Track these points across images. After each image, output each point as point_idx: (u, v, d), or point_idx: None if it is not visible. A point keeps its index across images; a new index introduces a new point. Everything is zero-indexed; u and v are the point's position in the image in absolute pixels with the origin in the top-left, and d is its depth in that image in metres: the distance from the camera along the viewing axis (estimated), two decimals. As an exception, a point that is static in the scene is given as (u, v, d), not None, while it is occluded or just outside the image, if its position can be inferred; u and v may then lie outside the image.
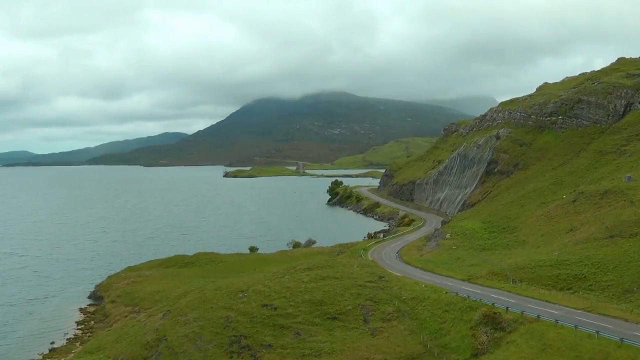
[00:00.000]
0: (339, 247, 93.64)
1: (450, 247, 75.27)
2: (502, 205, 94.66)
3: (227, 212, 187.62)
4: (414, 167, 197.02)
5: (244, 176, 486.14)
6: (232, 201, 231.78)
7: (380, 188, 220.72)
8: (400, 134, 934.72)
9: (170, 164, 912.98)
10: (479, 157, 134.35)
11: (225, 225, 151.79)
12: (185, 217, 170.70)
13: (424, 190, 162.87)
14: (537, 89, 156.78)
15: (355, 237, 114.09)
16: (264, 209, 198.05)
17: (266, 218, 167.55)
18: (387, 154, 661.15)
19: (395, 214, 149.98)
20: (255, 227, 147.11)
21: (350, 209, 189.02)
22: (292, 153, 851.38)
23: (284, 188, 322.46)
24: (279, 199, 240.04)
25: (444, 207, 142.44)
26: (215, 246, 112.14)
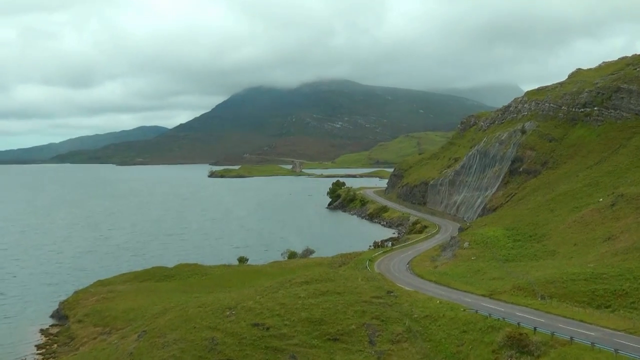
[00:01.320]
0: (341, 257, 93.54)
1: (468, 257, 75.12)
2: (528, 210, 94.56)
3: (212, 217, 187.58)
4: (427, 166, 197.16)
5: (232, 176, 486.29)
6: (219, 205, 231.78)
7: (388, 190, 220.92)
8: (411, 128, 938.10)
9: (148, 162, 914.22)
10: (501, 154, 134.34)
11: (210, 232, 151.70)
12: (164, 224, 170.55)
13: (439, 193, 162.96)
14: (569, 76, 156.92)
15: (359, 246, 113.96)
16: (255, 213, 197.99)
17: (257, 224, 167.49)
18: (396, 151, 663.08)
19: (405, 220, 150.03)
20: (245, 234, 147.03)
21: (354, 213, 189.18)
22: (287, 150, 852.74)
23: (278, 190, 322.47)
24: (273, 203, 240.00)
25: (461, 212, 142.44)
26: (199, 257, 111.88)
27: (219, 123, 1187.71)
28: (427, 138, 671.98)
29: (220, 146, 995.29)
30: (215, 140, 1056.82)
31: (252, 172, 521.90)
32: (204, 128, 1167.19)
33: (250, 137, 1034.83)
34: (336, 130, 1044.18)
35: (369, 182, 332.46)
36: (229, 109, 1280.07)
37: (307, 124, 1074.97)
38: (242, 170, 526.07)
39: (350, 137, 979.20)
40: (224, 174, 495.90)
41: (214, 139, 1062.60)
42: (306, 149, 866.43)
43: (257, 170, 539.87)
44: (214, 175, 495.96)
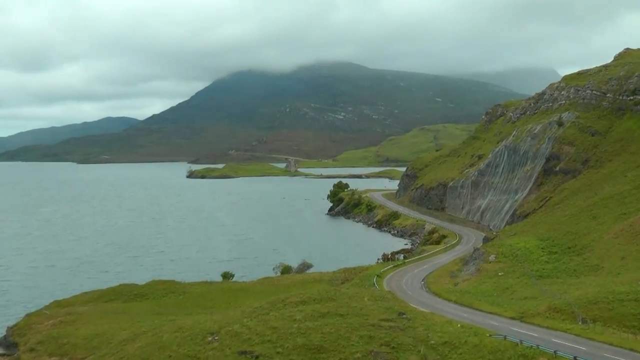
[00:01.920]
0: (344, 272, 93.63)
1: (495, 273, 75.14)
2: (566, 217, 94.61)
3: (192, 226, 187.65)
4: (446, 165, 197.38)
5: (215, 177, 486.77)
6: (200, 211, 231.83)
7: (399, 193, 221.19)
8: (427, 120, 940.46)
9: (115, 160, 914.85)
10: (534, 150, 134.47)
11: (189, 244, 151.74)
12: (135, 233, 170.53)
13: (459, 196, 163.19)
14: (615, 58, 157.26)
15: (365, 259, 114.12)
16: (243, 221, 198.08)
17: (245, 234, 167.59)
18: (409, 146, 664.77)
19: (419, 228, 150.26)
20: (230, 246, 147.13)
21: (359, 220, 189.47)
22: (280, 146, 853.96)
23: (269, 193, 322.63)
24: (263, 208, 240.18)
25: (486, 219, 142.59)
26: (175, 272, 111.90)
27: (200, 114, 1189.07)
28: (446, 131, 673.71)
29: (201, 141, 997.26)
30: (195, 134, 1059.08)
31: (239, 171, 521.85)
32: (181, 119, 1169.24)
33: (237, 131, 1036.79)
34: (338, 123, 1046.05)
35: (376, 183, 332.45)
36: (211, 97, 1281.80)
37: (303, 115, 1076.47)
38: (226, 170, 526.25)
39: (354, 131, 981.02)
40: (205, 174, 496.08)
41: (193, 133, 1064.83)
42: (303, 145, 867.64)
43: (245, 169, 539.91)
44: (194, 176, 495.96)
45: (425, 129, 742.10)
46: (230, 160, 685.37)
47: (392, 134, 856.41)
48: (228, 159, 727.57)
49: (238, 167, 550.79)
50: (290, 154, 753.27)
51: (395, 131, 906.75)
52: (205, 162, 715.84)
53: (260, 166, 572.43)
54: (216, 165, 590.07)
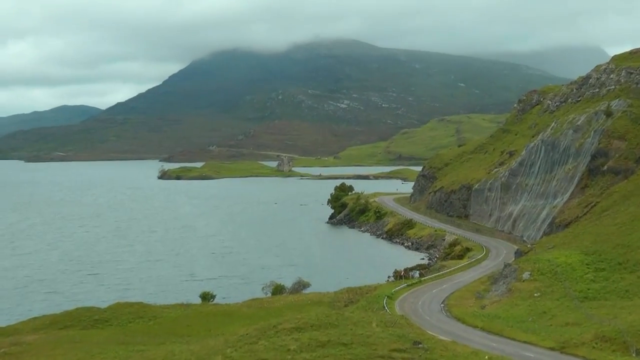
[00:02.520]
0: (348, 293, 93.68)
1: (530, 293, 75.10)
2: (616, 226, 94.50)
3: (165, 237, 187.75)
4: (470, 164, 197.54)
5: (192, 177, 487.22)
6: (174, 220, 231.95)
7: (414, 197, 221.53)
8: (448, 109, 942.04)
9: (72, 157, 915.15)
10: (577, 146, 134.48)
11: (162, 258, 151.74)
12: (96, 246, 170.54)
13: (487, 201, 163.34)
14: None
15: (373, 276, 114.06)
16: (226, 231, 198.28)
17: (229, 246, 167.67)
18: (426, 141, 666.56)
19: (438, 240, 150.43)
20: (211, 261, 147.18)
21: (366, 230, 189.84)
22: (270, 140, 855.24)
23: (258, 197, 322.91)
24: (251, 216, 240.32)
25: (519, 229, 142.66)
26: (145, 293, 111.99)
27: (174, 102, 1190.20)
28: (471, 123, 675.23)
29: (176, 135, 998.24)
30: (169, 126, 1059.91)
31: (222, 171, 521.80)
32: (152, 109, 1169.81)
33: (219, 122, 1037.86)
34: (340, 113, 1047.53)
35: (387, 185, 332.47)
36: (188, 81, 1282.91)
37: (299, 104, 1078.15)
38: (206, 169, 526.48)
39: (360, 122, 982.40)
40: (181, 175, 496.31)
41: (166, 125, 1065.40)
42: (298, 139, 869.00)
43: (229, 168, 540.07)
44: (167, 177, 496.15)
45: (445, 120, 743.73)
46: (210, 158, 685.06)
47: (405, 126, 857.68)
48: (208, 156, 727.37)
49: (220, 166, 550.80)
50: (282, 151, 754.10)
51: (410, 123, 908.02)
52: (181, 160, 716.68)
53: (246, 165, 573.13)
54: (194, 164, 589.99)
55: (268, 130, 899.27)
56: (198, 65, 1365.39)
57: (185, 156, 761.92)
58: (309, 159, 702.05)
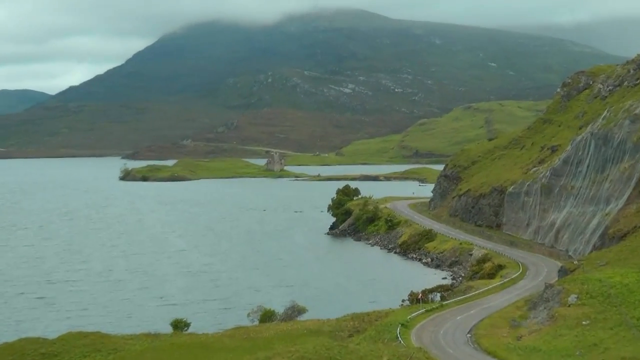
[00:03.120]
0: (353, 320, 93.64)
1: (577, 321, 74.95)
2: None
3: (129, 252, 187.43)
4: (503, 161, 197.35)
5: (162, 178, 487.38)
6: (140, 231, 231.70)
7: (434, 202, 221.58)
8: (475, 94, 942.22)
9: (13, 154, 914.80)
10: (634, 140, 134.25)
11: (124, 278, 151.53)
12: (43, 264, 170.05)
13: (523, 208, 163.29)
14: None
15: (384, 300, 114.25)
16: (204, 244, 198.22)
17: (208, 263, 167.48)
18: (449, 134, 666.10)
19: (464, 255, 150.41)
20: (186, 281, 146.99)
21: (375, 243, 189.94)
22: (258, 133, 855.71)
23: (243, 202, 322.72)
24: (234, 225, 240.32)
25: (563, 241, 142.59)
26: (104, 321, 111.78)
27: (140, 86, 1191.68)
28: (503, 112, 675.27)
29: (142, 126, 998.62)
30: (133, 115, 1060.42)
31: (198, 171, 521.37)
32: (113, 94, 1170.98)
33: (195, 111, 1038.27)
34: (344, 99, 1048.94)
35: (401, 188, 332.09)
36: (157, 61, 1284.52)
37: (293, 88, 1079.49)
38: (179, 169, 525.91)
39: (368, 111, 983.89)
40: (148, 175, 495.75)
41: (130, 114, 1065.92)
42: (292, 132, 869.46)
43: (207, 168, 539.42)
44: (131, 177, 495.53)
45: (472, 108, 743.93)
46: (184, 155, 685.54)
47: (423, 115, 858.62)
48: (182, 152, 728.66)
49: (196, 165, 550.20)
50: (273, 146, 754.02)
51: (429, 111, 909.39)
52: (148, 157, 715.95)
53: (229, 163, 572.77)
54: (164, 162, 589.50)
55: (255, 121, 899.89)
56: (169, 41, 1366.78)
57: (154, 152, 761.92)
58: (305, 156, 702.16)
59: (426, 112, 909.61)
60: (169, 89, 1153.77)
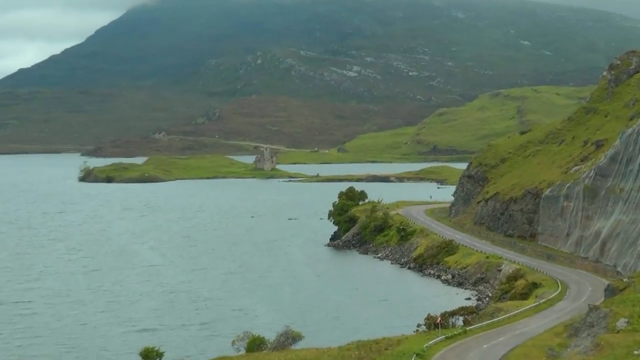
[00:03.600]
0: (359, 349, 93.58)
1: (628, 350, 74.93)
2: None
3: (90, 267, 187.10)
4: (538, 159, 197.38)
5: (130, 179, 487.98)
6: (105, 241, 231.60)
7: (456, 208, 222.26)
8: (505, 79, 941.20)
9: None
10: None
11: (85, 298, 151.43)
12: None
13: (562, 214, 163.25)
14: None
15: (396, 325, 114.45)
16: (181, 259, 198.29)
17: (186, 281, 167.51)
18: (473, 126, 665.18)
19: (492, 270, 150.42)
20: (159, 302, 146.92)
21: (385, 256, 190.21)
22: (245, 125, 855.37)
23: (226, 208, 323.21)
24: (217, 236, 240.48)
25: (610, 254, 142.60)
26: (60, 350, 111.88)
27: (104, 69, 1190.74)
28: (539, 99, 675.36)
29: (106, 117, 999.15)
30: (96, 104, 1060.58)
31: (174, 170, 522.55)
32: (71, 79, 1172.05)
33: (170, 99, 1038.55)
34: (348, 84, 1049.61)
35: (416, 191, 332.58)
36: (124, 38, 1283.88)
37: (286, 71, 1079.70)
38: (151, 168, 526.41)
39: (376, 98, 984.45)
40: (113, 176, 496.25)
41: (92, 102, 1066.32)
42: (285, 123, 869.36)
43: (184, 166, 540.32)
44: (93, 178, 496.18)
45: (502, 95, 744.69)
46: (157, 151, 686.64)
47: (443, 104, 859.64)
48: (154, 148, 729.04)
49: (171, 163, 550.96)
50: (263, 140, 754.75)
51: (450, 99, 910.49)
52: (114, 153, 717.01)
53: (210, 161, 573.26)
54: (132, 160, 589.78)
55: (241, 111, 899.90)
56: (138, 15, 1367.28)
57: (120, 148, 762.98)
58: (302, 153, 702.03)
59: (446, 99, 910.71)
60: (138, 72, 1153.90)
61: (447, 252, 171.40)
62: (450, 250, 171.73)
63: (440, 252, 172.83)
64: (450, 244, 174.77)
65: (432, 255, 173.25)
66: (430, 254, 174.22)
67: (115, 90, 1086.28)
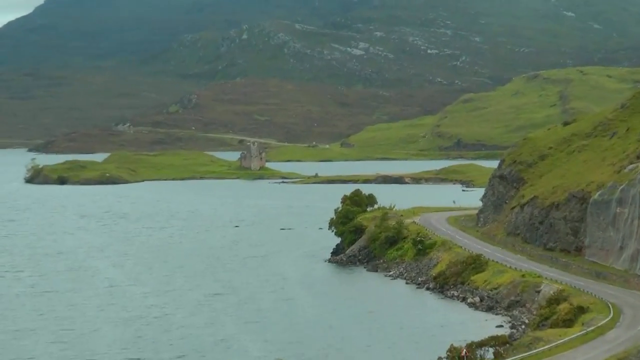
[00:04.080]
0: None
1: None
2: None
3: (38, 288, 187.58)
4: (585, 156, 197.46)
5: (88, 180, 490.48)
6: (57, 256, 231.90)
7: (485, 215, 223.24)
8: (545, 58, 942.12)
9: None
10: None
11: (33, 327, 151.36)
12: None
13: (615, 223, 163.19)
14: None
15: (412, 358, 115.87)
16: (150, 278, 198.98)
17: (156, 305, 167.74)
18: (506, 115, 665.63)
19: (529, 291, 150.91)
20: (123, 331, 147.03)
21: (399, 274, 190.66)
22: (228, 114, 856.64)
23: (206, 215, 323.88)
24: (194, 250, 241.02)
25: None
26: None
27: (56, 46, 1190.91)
28: (586, 83, 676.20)
29: (59, 104, 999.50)
30: (45, 89, 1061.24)
31: (141, 169, 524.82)
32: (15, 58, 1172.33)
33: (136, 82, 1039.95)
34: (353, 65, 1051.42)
35: (436, 194, 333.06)
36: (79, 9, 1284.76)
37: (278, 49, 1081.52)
38: (113, 166, 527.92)
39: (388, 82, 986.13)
40: (67, 176, 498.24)
41: (40, 87, 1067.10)
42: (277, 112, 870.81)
43: (153, 164, 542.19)
44: (43, 179, 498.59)
45: (541, 77, 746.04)
46: (120, 146, 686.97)
47: (469, 88, 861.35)
48: (116, 142, 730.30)
49: (138, 161, 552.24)
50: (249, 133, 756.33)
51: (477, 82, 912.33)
52: (68, 149, 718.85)
53: (185, 158, 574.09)
54: (91, 157, 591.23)
55: (223, 96, 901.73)
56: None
57: (76, 142, 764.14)
58: (297, 148, 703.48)
59: (473, 83, 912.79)
60: (97, 50, 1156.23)
61: (475, 269, 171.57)
62: (478, 267, 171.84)
63: (466, 269, 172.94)
64: (478, 259, 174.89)
65: (455, 273, 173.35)
66: (453, 272, 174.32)
67: (69, 72, 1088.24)
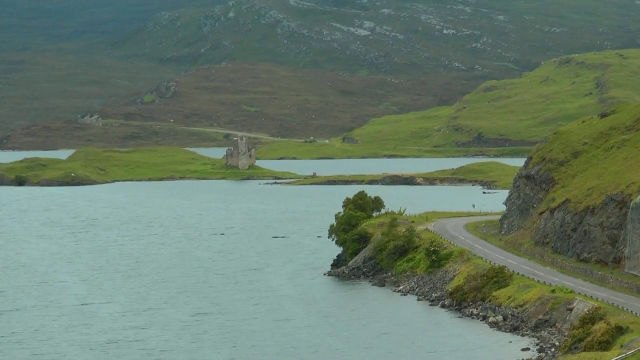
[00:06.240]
0: None
1: None
2: None
3: None
4: (625, 153, 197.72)
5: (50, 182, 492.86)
6: (15, 270, 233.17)
7: (509, 221, 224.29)
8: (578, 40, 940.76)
9: None
10: None
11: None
12: None
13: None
14: None
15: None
16: (125, 295, 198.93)
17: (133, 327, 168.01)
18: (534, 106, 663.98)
19: (560, 309, 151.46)
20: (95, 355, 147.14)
21: (410, 289, 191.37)
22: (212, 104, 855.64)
23: (188, 222, 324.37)
24: (174, 262, 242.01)
25: None
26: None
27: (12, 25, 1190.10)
28: (627, 69, 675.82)
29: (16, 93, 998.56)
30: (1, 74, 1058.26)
31: (111, 168, 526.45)
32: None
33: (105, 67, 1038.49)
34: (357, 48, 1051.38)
35: (453, 197, 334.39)
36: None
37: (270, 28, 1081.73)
38: (79, 165, 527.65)
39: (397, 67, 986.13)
40: (26, 176, 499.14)
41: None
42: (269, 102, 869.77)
43: (126, 162, 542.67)
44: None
45: (573, 61, 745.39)
46: (87, 141, 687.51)
47: (491, 74, 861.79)
48: (83, 137, 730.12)
49: (108, 158, 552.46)
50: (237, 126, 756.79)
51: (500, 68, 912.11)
52: (26, 145, 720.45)
53: (162, 154, 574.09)
54: (53, 153, 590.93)
55: (206, 84, 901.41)
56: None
57: (36, 137, 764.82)
58: (292, 144, 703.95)
59: (496, 69, 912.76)
60: (60, 30, 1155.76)
61: (497, 283, 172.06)
62: (501, 281, 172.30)
63: (487, 283, 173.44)
64: (501, 272, 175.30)
65: (475, 288, 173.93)
66: (472, 287, 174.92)
67: (28, 56, 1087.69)
